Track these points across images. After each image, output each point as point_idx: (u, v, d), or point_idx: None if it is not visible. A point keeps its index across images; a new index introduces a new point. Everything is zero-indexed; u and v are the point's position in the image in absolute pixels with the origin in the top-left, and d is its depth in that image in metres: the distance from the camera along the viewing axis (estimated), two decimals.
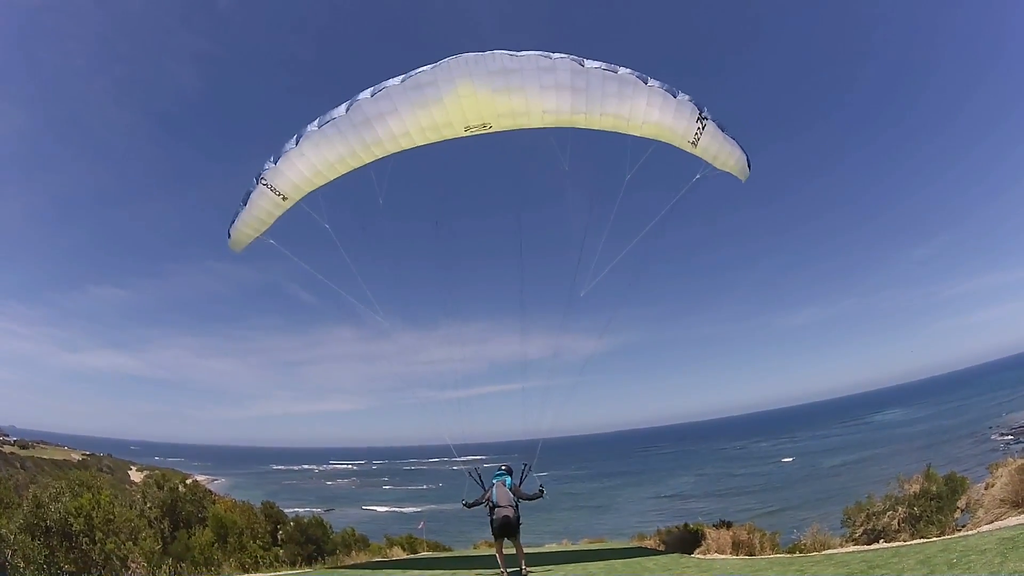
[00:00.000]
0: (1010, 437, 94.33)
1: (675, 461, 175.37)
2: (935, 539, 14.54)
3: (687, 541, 22.29)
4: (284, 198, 15.71)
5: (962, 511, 16.70)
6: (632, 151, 15.21)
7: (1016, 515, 14.21)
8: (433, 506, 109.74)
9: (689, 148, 14.88)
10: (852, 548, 16.61)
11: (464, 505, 16.86)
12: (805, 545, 18.32)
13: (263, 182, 15.49)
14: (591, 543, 30.81)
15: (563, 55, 13.50)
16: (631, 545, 27.18)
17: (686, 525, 24.85)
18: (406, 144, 14.95)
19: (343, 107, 14.34)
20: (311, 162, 15.08)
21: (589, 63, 13.58)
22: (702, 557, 19.50)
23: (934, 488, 17.60)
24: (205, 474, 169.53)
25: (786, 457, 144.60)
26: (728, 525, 22.11)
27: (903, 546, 14.52)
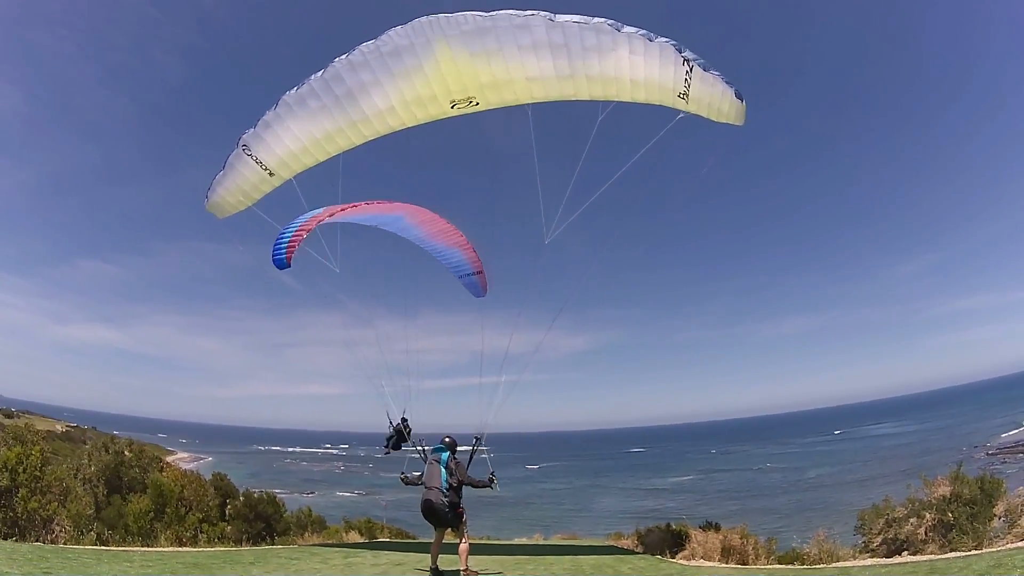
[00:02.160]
0: (999, 456, 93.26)
1: (658, 461, 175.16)
2: (976, 552, 12.11)
3: (668, 543, 19.99)
4: (271, 173, 15.71)
5: (1000, 519, 14.22)
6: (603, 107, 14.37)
7: None
8: (411, 493, 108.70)
9: (680, 104, 13.63)
10: (871, 561, 14.29)
11: (403, 481, 14.70)
12: (810, 555, 15.97)
13: (245, 150, 15.40)
14: (564, 539, 28.88)
15: (534, 11, 12.77)
16: (606, 543, 25.05)
17: (668, 525, 22.42)
18: (394, 123, 14.73)
19: (319, 72, 14.13)
20: (296, 137, 15.00)
21: (561, 16, 12.82)
22: (686, 563, 17.22)
23: (966, 492, 15.13)
24: (190, 451, 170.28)
25: (772, 463, 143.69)
26: (717, 528, 19.72)
27: (937, 559, 12.16)
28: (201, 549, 18.24)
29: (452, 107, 14.29)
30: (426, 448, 14.96)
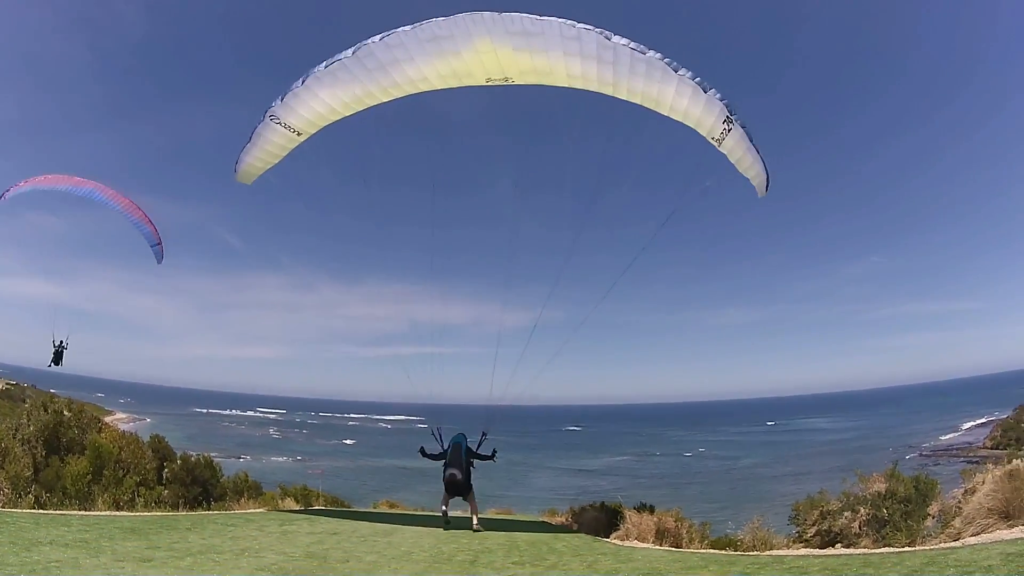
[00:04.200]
0: (932, 458, 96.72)
1: (593, 441, 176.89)
2: (910, 549, 12.56)
3: (602, 522, 20.26)
4: (298, 133, 16.70)
5: (934, 518, 14.72)
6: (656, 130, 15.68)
7: (1005, 528, 12.29)
8: (347, 461, 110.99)
9: (713, 144, 14.99)
10: (804, 551, 14.64)
11: (421, 453, 19.88)
12: (743, 542, 16.31)
13: (273, 119, 16.37)
14: (499, 513, 29.09)
15: (589, 26, 13.41)
16: (540, 519, 25.34)
17: (602, 504, 22.72)
18: (424, 87, 15.41)
19: (350, 51, 14.69)
20: (325, 102, 15.79)
21: (616, 38, 13.49)
22: (620, 543, 17.45)
23: (901, 490, 15.65)
24: (128, 412, 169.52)
25: (706, 449, 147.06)
26: (651, 510, 20.01)
27: (871, 554, 12.59)
28: (138, 514, 18.04)
29: (487, 81, 14.87)
30: (440, 431, 20.02)
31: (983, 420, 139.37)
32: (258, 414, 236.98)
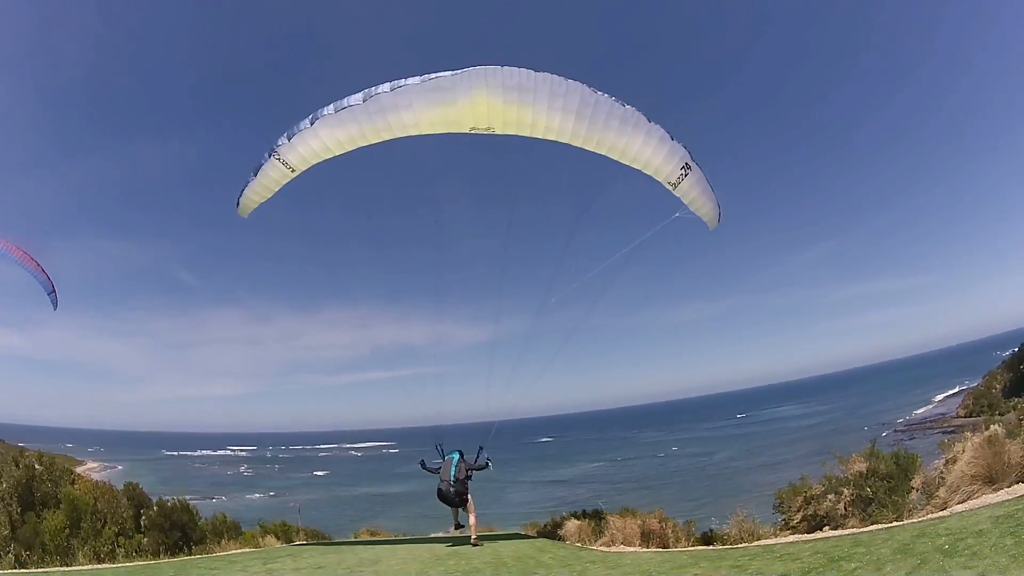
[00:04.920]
0: (903, 433, 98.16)
1: (566, 450, 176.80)
2: (898, 523, 12.68)
3: (586, 531, 20.40)
4: (292, 170, 17.43)
5: (918, 491, 14.90)
6: (622, 176, 16.99)
7: (991, 492, 12.48)
8: (322, 493, 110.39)
9: (668, 187, 16.62)
10: (793, 537, 14.72)
11: (421, 466, 21.12)
12: (730, 535, 16.38)
13: (276, 157, 17.13)
14: (479, 531, 28.88)
15: (578, 82, 14.99)
16: (523, 532, 25.20)
17: (584, 513, 22.70)
18: (414, 132, 16.22)
19: (359, 96, 15.57)
20: (323, 140, 16.61)
21: (600, 93, 15.12)
22: (607, 550, 17.43)
23: (882, 467, 15.87)
24: (99, 460, 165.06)
25: (679, 448, 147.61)
26: (634, 513, 20.06)
27: (860, 533, 12.67)
28: (120, 565, 17.87)
29: (471, 130, 15.88)
30: (442, 447, 20.50)
31: (955, 390, 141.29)
32: (229, 452, 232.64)
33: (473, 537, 19.34)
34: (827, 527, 15.09)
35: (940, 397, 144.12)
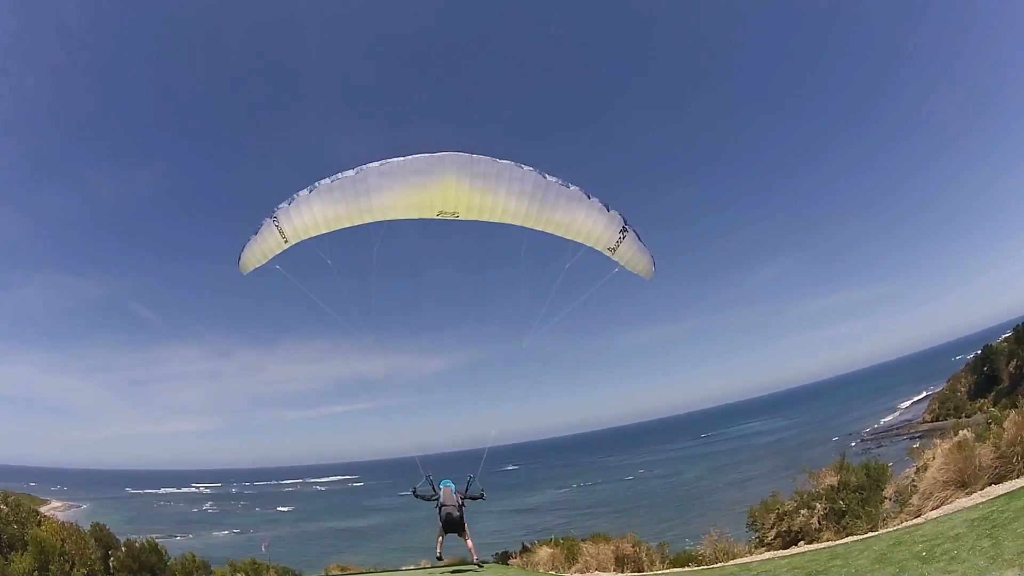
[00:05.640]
0: (871, 442, 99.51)
1: (533, 477, 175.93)
2: (874, 534, 12.72)
3: (559, 558, 20.20)
4: (286, 240, 18.29)
5: (891, 500, 15.02)
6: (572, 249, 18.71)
7: (964, 496, 12.60)
8: (288, 529, 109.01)
9: (607, 253, 18.41)
10: (769, 554, 14.69)
11: (413, 494, 21.36)
12: (705, 555, 16.34)
13: (275, 221, 17.99)
14: (453, 562, 28.65)
15: (531, 168, 16.78)
16: (494, 564, 24.87)
17: (555, 540, 22.51)
18: (391, 216, 17.52)
19: (352, 171, 16.86)
20: (314, 215, 17.63)
21: (549, 177, 17.04)
22: None
23: (853, 479, 15.97)
24: (64, 499, 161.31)
25: (646, 470, 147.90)
26: (607, 538, 19.96)
27: (836, 546, 12.70)
28: None
29: (438, 215, 17.30)
30: (431, 477, 20.82)
31: (920, 396, 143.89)
32: (193, 489, 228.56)
33: (476, 558, 20.23)
34: (802, 542, 15.16)
35: (906, 404, 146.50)
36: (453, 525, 19.91)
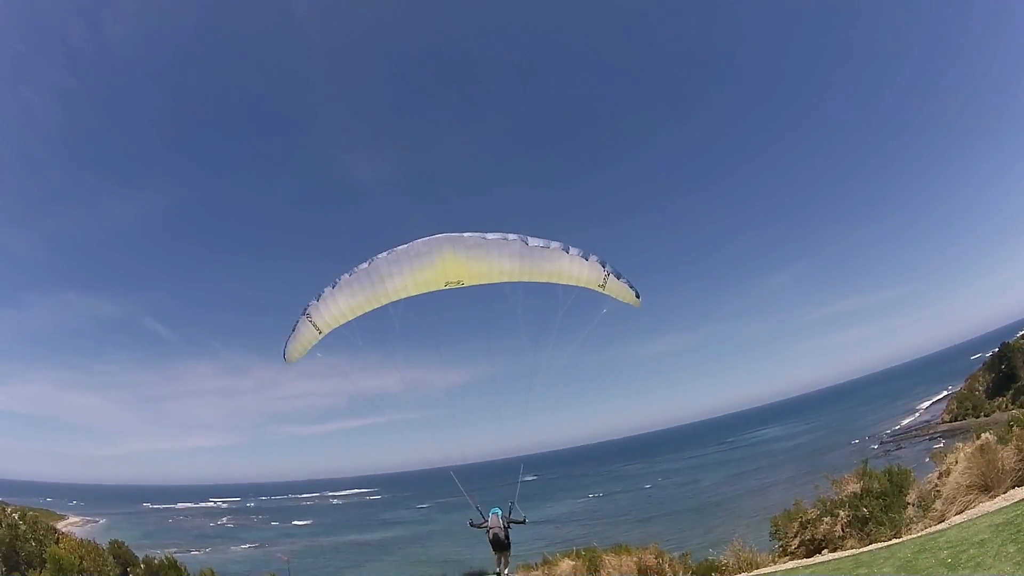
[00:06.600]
0: (890, 444, 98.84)
1: (552, 487, 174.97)
2: (898, 540, 12.70)
3: (580, 570, 20.20)
4: (320, 332, 20.26)
5: (914, 506, 14.98)
6: (563, 295, 20.54)
7: (988, 500, 12.58)
8: (306, 543, 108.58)
9: (599, 289, 20.35)
10: (792, 563, 14.70)
11: (470, 524, 21.90)
12: (727, 565, 16.34)
13: (308, 318, 20.03)
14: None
15: (515, 237, 18.89)
16: None
17: (577, 552, 22.55)
18: (404, 295, 19.48)
19: (365, 263, 19.00)
20: (340, 307, 19.68)
21: (532, 241, 18.88)
22: None
23: (876, 486, 15.92)
24: (80, 514, 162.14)
25: (665, 478, 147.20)
26: (629, 549, 19.97)
27: (861, 553, 12.69)
28: None
29: (446, 285, 19.29)
30: (479, 506, 21.71)
31: (940, 396, 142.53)
32: (211, 504, 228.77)
33: (505, 574, 21.39)
34: (826, 550, 15.11)
35: (926, 404, 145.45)
36: (499, 546, 21.22)
